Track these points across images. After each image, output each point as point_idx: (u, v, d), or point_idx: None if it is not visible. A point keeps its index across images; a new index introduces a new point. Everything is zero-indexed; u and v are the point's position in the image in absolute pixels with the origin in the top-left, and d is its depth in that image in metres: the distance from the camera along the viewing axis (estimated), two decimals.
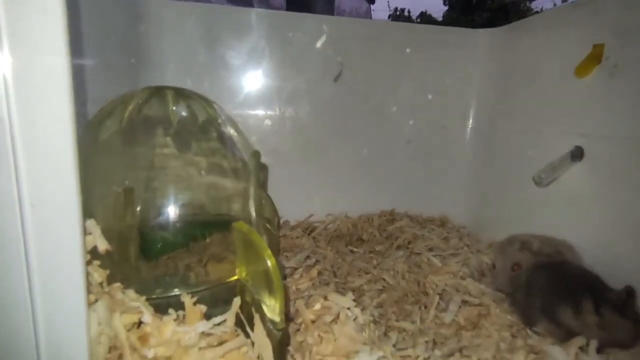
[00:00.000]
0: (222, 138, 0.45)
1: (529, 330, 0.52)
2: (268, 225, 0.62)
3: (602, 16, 0.64)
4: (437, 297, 0.62)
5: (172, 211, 0.46)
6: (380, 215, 0.97)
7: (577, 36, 0.68)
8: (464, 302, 0.62)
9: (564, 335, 0.47)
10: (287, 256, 0.75)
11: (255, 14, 0.85)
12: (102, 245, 0.31)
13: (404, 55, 0.93)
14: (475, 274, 0.72)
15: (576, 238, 0.65)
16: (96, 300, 0.31)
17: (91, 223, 0.32)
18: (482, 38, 0.93)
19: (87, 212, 0.34)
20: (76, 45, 0.49)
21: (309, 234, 0.88)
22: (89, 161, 0.37)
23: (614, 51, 0.62)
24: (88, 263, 0.31)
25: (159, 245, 0.52)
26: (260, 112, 0.90)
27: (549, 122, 0.74)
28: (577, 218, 0.66)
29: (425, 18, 6.69)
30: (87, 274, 0.31)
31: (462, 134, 0.98)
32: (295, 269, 0.67)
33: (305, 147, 0.93)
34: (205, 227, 0.54)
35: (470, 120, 0.97)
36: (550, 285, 0.52)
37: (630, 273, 0.53)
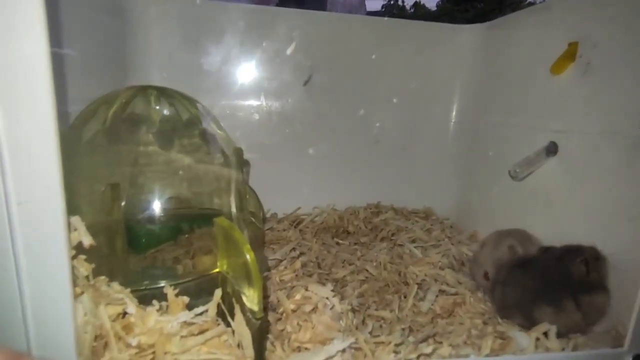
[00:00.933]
0: (205, 136, 0.47)
1: (499, 319, 0.55)
2: (253, 219, 0.64)
3: (576, 15, 0.66)
4: (416, 287, 0.65)
5: (156, 206, 0.48)
6: (366, 208, 0.99)
7: (553, 34, 0.70)
8: (441, 292, 0.64)
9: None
10: (273, 249, 0.77)
11: (238, 9, 0.86)
12: (87, 241, 0.33)
13: (389, 49, 0.94)
14: (454, 265, 0.75)
15: (550, 231, 0.68)
16: (82, 293, 0.33)
17: (76, 220, 0.34)
18: (464, 34, 0.95)
19: (73, 209, 0.36)
20: (58, 44, 0.50)
21: (295, 227, 0.90)
22: (74, 160, 0.39)
23: (586, 49, 0.64)
24: (74, 258, 0.33)
25: (143, 240, 0.54)
26: (247, 106, 0.91)
27: (528, 118, 0.77)
28: (552, 211, 0.69)
29: (418, 8, 6.66)
30: (73, 268, 0.33)
31: (446, 128, 1.00)
32: (280, 260, 0.70)
33: (293, 141, 0.95)
34: (191, 220, 0.56)
35: (454, 115, 0.99)
36: (528, 282, 0.55)
37: None
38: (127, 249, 0.54)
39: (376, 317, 0.58)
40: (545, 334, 0.47)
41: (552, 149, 0.68)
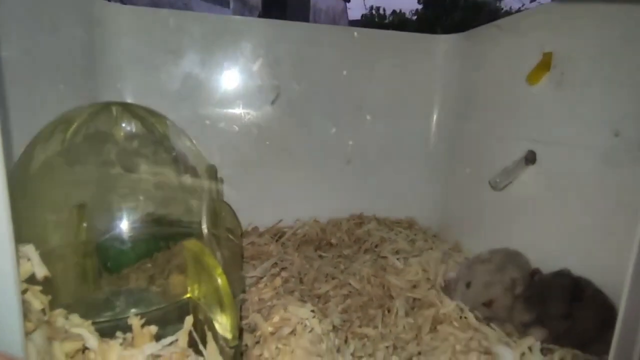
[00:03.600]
0: (174, 153, 0.44)
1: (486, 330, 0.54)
2: (230, 236, 0.62)
3: (549, 26, 0.67)
4: (400, 302, 0.63)
5: (124, 225, 0.46)
6: (349, 219, 0.98)
7: (529, 44, 0.71)
8: (426, 306, 0.63)
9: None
10: (253, 264, 0.75)
11: (217, 19, 0.85)
12: (41, 272, 0.31)
13: (367, 60, 0.94)
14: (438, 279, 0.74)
15: (530, 240, 0.68)
16: (35, 329, 0.30)
17: (29, 248, 0.32)
18: (442, 44, 0.95)
19: (33, 237, 0.34)
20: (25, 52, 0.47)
21: (277, 240, 0.88)
22: (30, 184, 0.36)
23: (560, 60, 0.64)
24: (25, 292, 0.30)
25: (115, 260, 0.52)
26: (226, 118, 0.89)
27: (506, 127, 0.77)
28: (532, 220, 0.69)
29: (397, 16, 6.75)
30: (25, 303, 0.30)
31: (427, 138, 1.00)
32: (260, 278, 0.67)
33: (274, 153, 0.93)
34: (166, 239, 0.53)
35: (434, 125, 1.00)
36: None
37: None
38: (100, 270, 0.52)
39: (359, 334, 0.56)
40: (530, 348, 0.46)
41: (530, 158, 0.68)
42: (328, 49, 0.92)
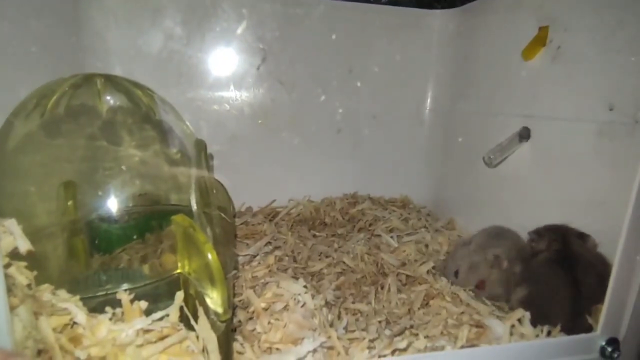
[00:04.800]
0: (161, 127, 0.43)
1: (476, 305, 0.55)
2: (223, 215, 0.61)
3: None
4: (392, 278, 0.63)
5: (112, 204, 0.45)
6: (342, 199, 0.98)
7: (525, 18, 0.69)
8: (418, 283, 0.64)
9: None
10: (247, 244, 0.74)
11: None
12: (24, 246, 0.30)
13: (360, 36, 0.92)
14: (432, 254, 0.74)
15: (525, 215, 0.68)
16: (21, 304, 0.29)
17: (11, 223, 0.31)
18: (437, 19, 0.93)
19: (11, 212, 0.33)
20: None
21: (270, 220, 0.87)
22: (9, 159, 0.35)
23: (557, 33, 0.63)
24: (7, 266, 0.29)
25: (106, 239, 0.51)
26: (217, 97, 0.87)
27: (501, 104, 0.76)
28: (526, 197, 0.69)
29: None
30: (9, 278, 0.29)
31: (421, 115, 0.99)
32: (254, 256, 0.67)
33: (265, 132, 0.92)
34: (156, 218, 0.53)
35: (429, 102, 0.98)
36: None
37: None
38: (90, 250, 0.51)
39: (352, 310, 0.57)
40: (520, 320, 0.47)
41: (524, 135, 0.68)
42: (323, 23, 0.89)
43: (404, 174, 1.02)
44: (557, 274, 0.52)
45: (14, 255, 0.31)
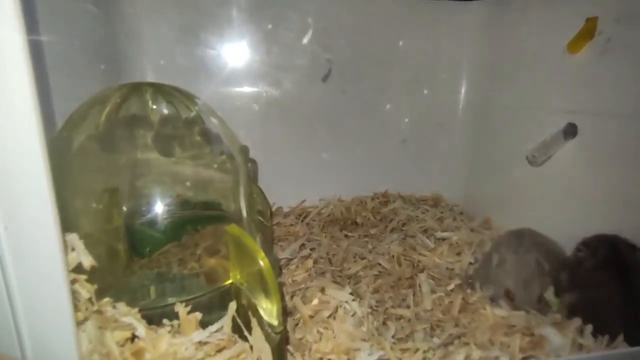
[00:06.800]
0: (206, 134, 0.43)
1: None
2: (261, 218, 0.61)
3: None
4: (430, 281, 0.62)
5: (159, 208, 0.45)
6: (373, 198, 0.96)
7: (570, 9, 0.66)
8: (456, 285, 0.62)
9: None
10: (281, 246, 0.74)
11: None
12: (87, 261, 0.30)
13: (391, 32, 0.89)
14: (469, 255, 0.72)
15: (569, 217, 0.65)
16: (85, 319, 0.30)
17: (73, 238, 0.31)
18: (472, 11, 0.90)
19: (68, 224, 0.33)
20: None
21: (302, 220, 0.87)
22: (64, 170, 0.35)
23: (607, 25, 0.60)
24: (73, 282, 0.29)
25: (147, 244, 0.51)
26: (247, 97, 0.87)
27: (543, 99, 0.73)
28: (571, 198, 0.66)
29: None
30: (74, 293, 0.29)
31: (454, 111, 0.97)
32: (290, 259, 0.67)
33: (295, 131, 0.91)
34: (196, 222, 0.53)
35: (462, 97, 0.96)
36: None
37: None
38: (130, 254, 0.51)
39: (395, 315, 0.56)
40: (581, 330, 0.45)
41: (570, 131, 0.65)
42: (353, 18, 0.87)
43: (435, 171, 1.00)
44: (609, 282, 0.50)
45: (75, 268, 0.32)
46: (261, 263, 0.36)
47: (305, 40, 0.85)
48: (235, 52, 0.84)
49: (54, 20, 0.54)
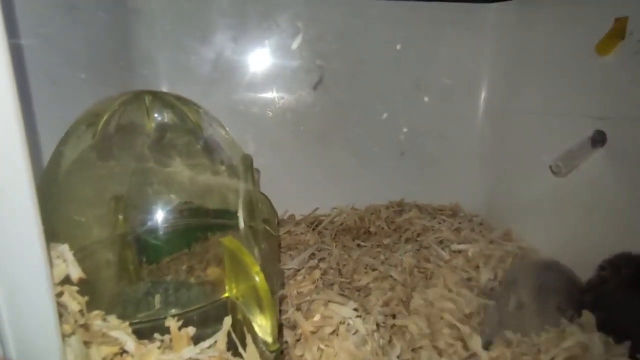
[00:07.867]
0: (208, 144, 0.42)
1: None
2: (267, 227, 0.59)
3: None
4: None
5: (160, 218, 0.44)
6: (388, 207, 0.93)
7: (598, 9, 0.62)
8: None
9: None
10: (291, 255, 0.73)
11: None
12: (75, 274, 0.29)
13: (408, 35, 0.87)
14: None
15: (597, 231, 0.61)
16: (72, 333, 0.29)
17: (64, 249, 0.30)
18: (492, 13, 0.86)
19: (66, 235, 0.32)
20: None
21: (314, 229, 0.85)
22: (65, 182, 0.35)
23: (638, 26, 0.55)
24: (59, 295, 0.29)
25: (153, 251, 0.51)
26: (260, 103, 0.86)
27: (568, 104, 0.69)
28: (597, 210, 0.62)
29: None
30: (60, 306, 0.29)
31: (474, 117, 0.93)
32: (298, 270, 0.65)
33: (308, 138, 0.90)
34: (201, 230, 0.52)
35: (482, 103, 0.92)
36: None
37: None
38: (139, 262, 0.51)
39: (400, 327, 0.53)
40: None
41: (599, 139, 0.61)
42: (369, 24, 0.86)
43: (453, 180, 0.96)
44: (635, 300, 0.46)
45: (65, 279, 0.31)
46: (256, 278, 0.35)
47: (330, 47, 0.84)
48: (250, 58, 0.83)
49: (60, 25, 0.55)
